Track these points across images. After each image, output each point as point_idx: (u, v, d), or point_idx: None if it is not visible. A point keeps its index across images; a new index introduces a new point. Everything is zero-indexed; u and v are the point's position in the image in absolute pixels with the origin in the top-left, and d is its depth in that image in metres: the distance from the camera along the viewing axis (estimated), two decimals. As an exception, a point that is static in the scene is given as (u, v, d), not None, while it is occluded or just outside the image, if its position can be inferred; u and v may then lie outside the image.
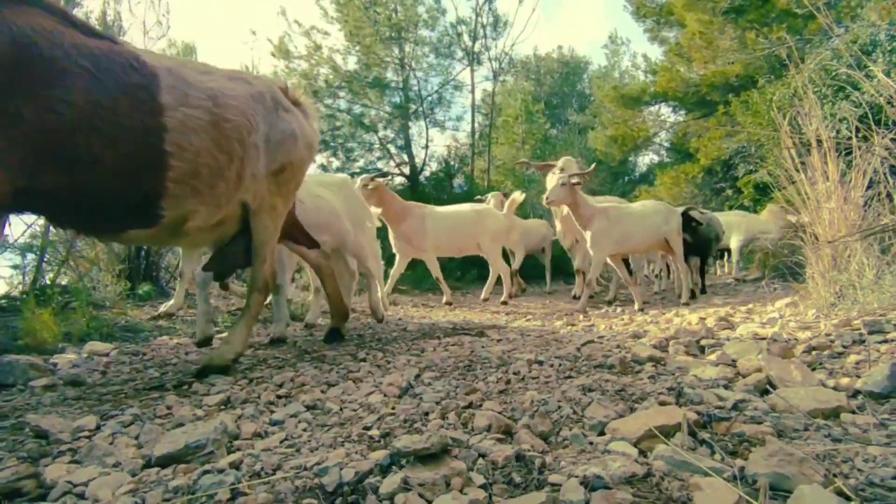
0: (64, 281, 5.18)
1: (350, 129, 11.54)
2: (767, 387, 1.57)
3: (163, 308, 4.46)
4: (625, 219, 5.27)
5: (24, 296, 4.18)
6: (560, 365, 2.00)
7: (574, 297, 6.41)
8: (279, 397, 1.87)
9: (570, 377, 1.82)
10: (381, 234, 5.80)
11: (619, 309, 5.43)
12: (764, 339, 2.39)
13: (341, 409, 1.66)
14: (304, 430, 1.48)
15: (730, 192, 12.94)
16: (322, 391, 1.91)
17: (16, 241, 4.95)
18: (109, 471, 1.23)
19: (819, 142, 3.66)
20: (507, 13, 11.53)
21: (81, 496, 1.13)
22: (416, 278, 8.50)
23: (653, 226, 5.34)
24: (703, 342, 2.36)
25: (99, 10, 6.09)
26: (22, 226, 5.97)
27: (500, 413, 1.42)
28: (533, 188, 11.39)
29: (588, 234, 5.20)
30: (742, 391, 1.53)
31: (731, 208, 10.79)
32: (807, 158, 3.75)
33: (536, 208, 10.78)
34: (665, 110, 16.11)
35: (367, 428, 1.40)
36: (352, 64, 11.57)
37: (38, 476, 1.18)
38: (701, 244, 6.01)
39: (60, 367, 2.63)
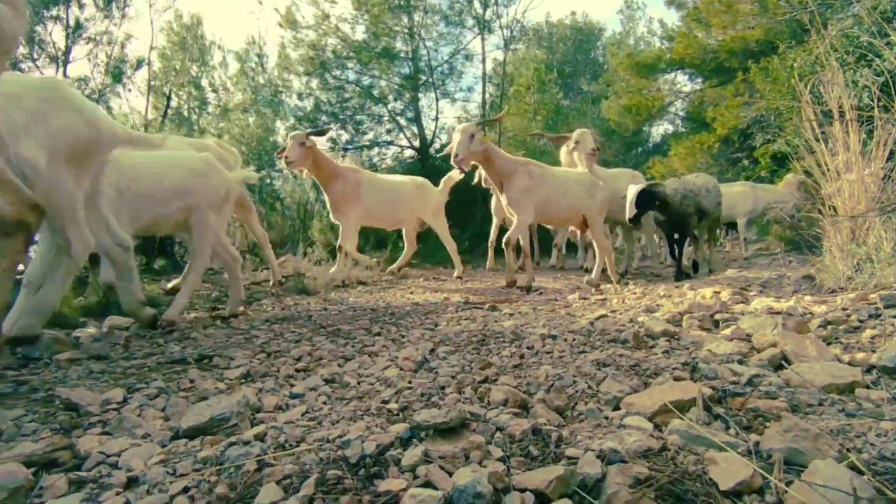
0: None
1: (359, 101, 11.41)
2: (782, 362, 1.57)
3: (175, 282, 4.52)
4: (548, 179, 4.92)
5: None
6: (573, 340, 2.02)
7: (584, 270, 6.39)
8: (297, 371, 1.91)
9: (583, 352, 1.84)
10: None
11: (631, 283, 5.42)
12: (779, 313, 2.38)
13: (359, 383, 1.70)
14: (324, 403, 1.52)
15: (746, 162, 12.70)
16: (339, 365, 1.95)
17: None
18: (140, 442, 1.28)
19: (841, 112, 3.56)
20: (518, -22, 11.13)
21: (115, 466, 1.17)
22: (427, 251, 8.52)
23: (575, 196, 5.08)
24: (717, 316, 2.36)
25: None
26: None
27: (515, 388, 1.45)
28: (546, 161, 11.25)
29: (505, 195, 4.81)
30: (757, 366, 1.54)
31: (747, 179, 10.62)
32: (827, 128, 3.66)
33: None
34: (681, 78, 15.70)
35: (385, 401, 1.44)
36: (360, 34, 11.38)
37: (73, 447, 1.23)
38: (676, 221, 5.52)
39: (83, 341, 2.71)
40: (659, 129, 19.64)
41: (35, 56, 5.50)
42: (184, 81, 9.07)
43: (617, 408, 1.26)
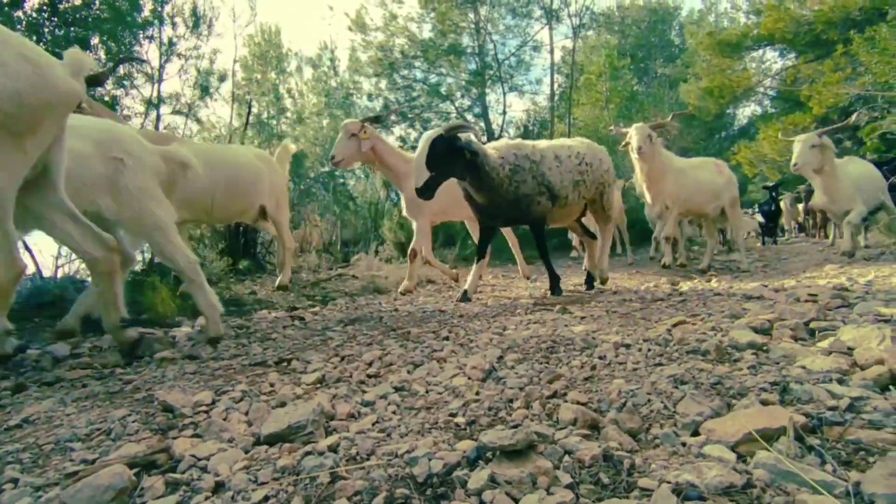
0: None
1: (427, 99, 11.53)
2: (890, 384, 1.41)
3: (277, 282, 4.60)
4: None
5: (145, 273, 4.68)
6: (649, 350, 1.93)
7: (664, 266, 6.08)
8: (369, 376, 1.97)
9: (659, 364, 1.75)
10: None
11: (712, 280, 5.10)
12: (888, 321, 2.14)
13: (427, 392, 1.72)
14: (394, 412, 1.55)
15: (849, 143, 11.54)
16: (408, 371, 1.99)
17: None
18: (226, 446, 1.37)
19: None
20: (589, -37, 10.73)
21: (204, 469, 1.27)
22: (494, 249, 8.47)
23: None
24: (812, 325, 2.16)
25: (191, 3, 6.46)
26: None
27: (585, 405, 1.41)
28: (614, 154, 10.81)
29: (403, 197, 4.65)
30: (859, 387, 1.39)
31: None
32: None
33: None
34: (770, 55, 14.55)
35: (452, 414, 1.45)
36: (426, 32, 11.48)
37: (169, 449, 1.34)
38: (499, 204, 4.29)
39: (179, 339, 2.95)
40: (745, 112, 18.35)
41: (133, 76, 6.00)
42: (264, 90, 9.58)
43: (696, 433, 1.19)
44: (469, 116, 11.80)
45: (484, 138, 11.80)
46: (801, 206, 12.59)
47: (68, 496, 1.10)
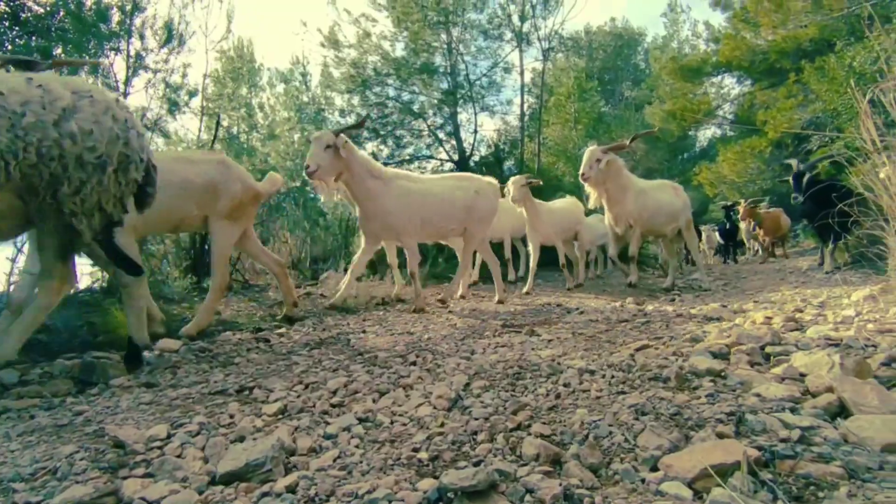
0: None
1: (399, 116, 11.58)
2: (839, 412, 1.47)
3: None
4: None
5: (103, 292, 4.51)
6: (612, 377, 1.95)
7: (630, 286, 6.22)
8: (333, 406, 1.93)
9: (622, 392, 1.78)
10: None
11: (675, 300, 5.23)
12: (837, 344, 2.23)
13: (392, 423, 1.70)
14: (357, 446, 1.53)
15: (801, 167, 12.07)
16: (373, 400, 1.96)
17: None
18: (178, 487, 1.32)
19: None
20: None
21: (154, 514, 1.22)
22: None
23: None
24: (768, 349, 2.23)
25: (163, 18, 6.36)
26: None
27: (549, 437, 1.41)
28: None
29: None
30: (810, 415, 1.44)
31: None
32: (889, 139, 3.42)
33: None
34: (729, 81, 15.18)
35: (416, 449, 1.43)
36: (399, 51, 11.56)
37: (117, 492, 1.28)
38: None
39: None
40: (706, 134, 19.04)
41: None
42: (235, 104, 9.46)
43: (655, 468, 1.20)
44: (441, 134, 11.89)
45: (455, 156, 11.91)
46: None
47: (4, 549, 1.04)
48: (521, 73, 11.66)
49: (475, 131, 11.93)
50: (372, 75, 11.49)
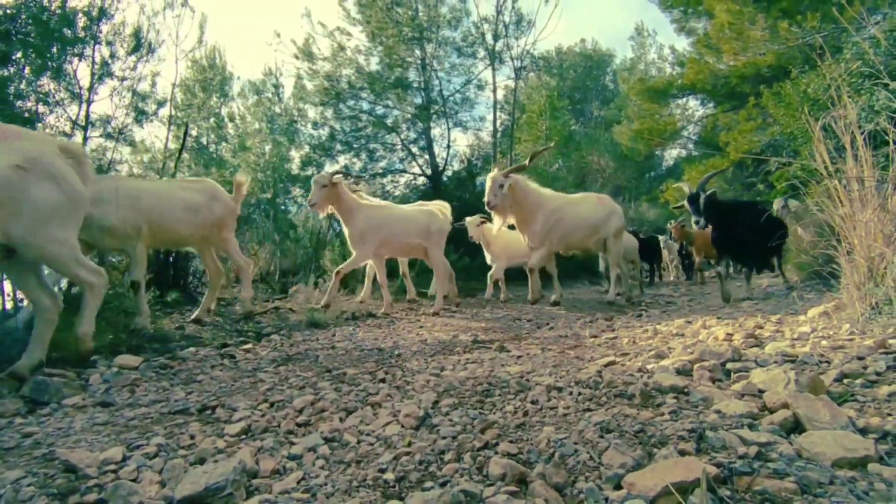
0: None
1: (373, 130, 11.59)
2: (794, 427, 1.52)
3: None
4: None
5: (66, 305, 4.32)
6: (580, 394, 1.98)
7: (609, 303, 6.36)
8: (299, 425, 1.89)
9: (588, 409, 1.80)
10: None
11: (643, 315, 5.34)
12: (794, 359, 2.31)
13: (358, 443, 1.68)
14: (322, 467, 1.50)
15: (762, 186, 12.56)
16: (340, 419, 1.93)
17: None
18: (133, 513, 1.27)
19: (853, 142, 3.50)
20: (530, 11, 11.32)
21: (106, 542, 1.16)
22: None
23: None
24: (728, 365, 2.30)
25: (132, 26, 6.24)
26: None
27: (515, 456, 1.41)
28: (558, 185, 11.25)
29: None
30: (767, 431, 1.49)
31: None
32: (840, 163, 3.60)
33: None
34: (693, 103, 15.75)
35: (382, 470, 1.41)
36: (374, 65, 11.62)
37: (66, 520, 1.22)
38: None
39: (92, 383, 2.73)
40: (672, 153, 19.64)
41: (57, 93, 5.68)
42: (205, 113, 9.31)
43: (618, 486, 1.22)
44: (414, 149, 11.95)
45: (429, 171, 11.96)
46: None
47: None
48: (494, 91, 11.86)
49: (448, 146, 12.05)
50: (346, 88, 11.50)
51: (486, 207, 5.72)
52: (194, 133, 9.29)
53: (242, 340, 4.06)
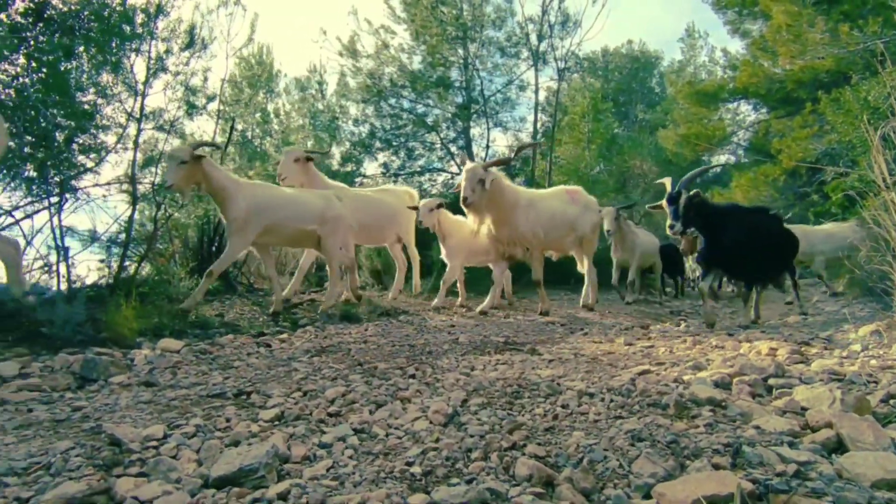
0: (144, 272, 5.58)
1: (412, 128, 11.69)
2: (837, 447, 1.45)
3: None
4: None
5: (109, 288, 4.55)
6: (611, 401, 1.94)
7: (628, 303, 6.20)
8: (330, 415, 1.93)
9: (620, 417, 1.77)
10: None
11: (682, 325, 5.19)
12: (841, 379, 2.20)
13: (387, 436, 1.70)
14: (351, 457, 1.52)
15: (816, 197, 12.01)
16: (370, 412, 1.96)
17: (103, 234, 5.39)
18: (171, 488, 1.32)
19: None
20: (577, 12, 11.12)
21: (145, 514, 1.22)
22: (472, 279, 8.46)
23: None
24: (771, 381, 2.21)
25: (187, 23, 6.48)
26: (108, 219, 6.50)
27: (543, 458, 1.40)
28: (598, 189, 11.06)
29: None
30: (808, 450, 1.42)
31: (816, 215, 10.06)
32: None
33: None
34: (745, 108, 15.18)
35: (409, 463, 1.43)
36: (416, 63, 11.70)
37: (110, 491, 1.29)
38: None
39: (137, 363, 2.86)
40: (720, 160, 18.97)
41: (114, 86, 5.96)
42: (251, 109, 9.60)
43: (648, 496, 1.19)
44: (453, 148, 11.98)
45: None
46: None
47: (-6, 541, 1.05)
48: (536, 92, 11.77)
49: (487, 146, 12.02)
50: (388, 86, 11.63)
51: (462, 204, 5.09)
52: (240, 127, 9.58)
53: (278, 330, 4.16)
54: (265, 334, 3.91)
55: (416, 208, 5.84)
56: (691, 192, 4.55)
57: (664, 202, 4.67)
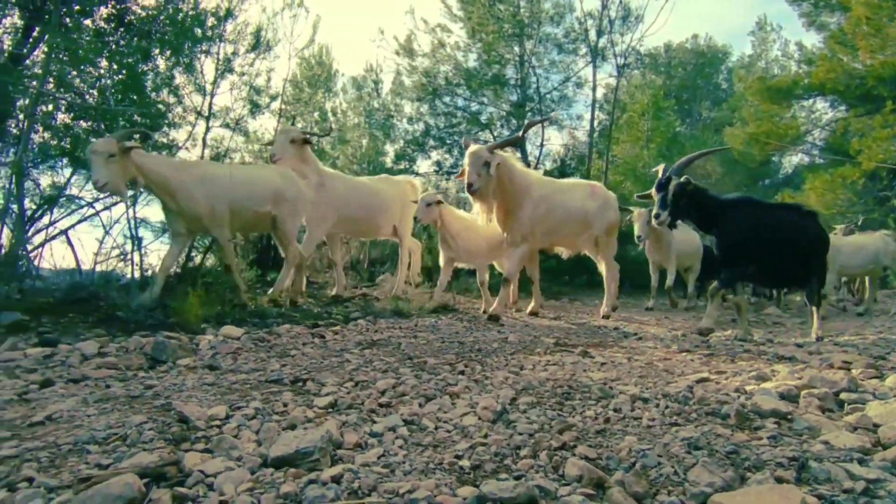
0: (208, 263, 5.89)
1: (466, 126, 11.71)
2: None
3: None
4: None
5: (177, 277, 4.83)
6: (667, 407, 1.88)
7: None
8: (381, 405, 1.98)
9: (676, 424, 1.71)
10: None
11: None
12: (922, 397, 2.04)
13: (436, 429, 1.72)
14: (401, 447, 1.56)
15: (896, 202, 11.13)
16: (420, 405, 1.99)
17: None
18: (233, 465, 1.40)
19: None
20: (639, 6, 10.73)
21: (210, 487, 1.29)
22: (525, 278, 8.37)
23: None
24: (843, 395, 2.07)
25: (253, 25, 6.78)
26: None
27: (594, 460, 1.38)
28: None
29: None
30: (878, 468, 1.33)
31: (897, 221, 9.31)
32: None
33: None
34: (821, 105, 14.23)
35: (458, 456, 1.44)
36: (471, 61, 11.72)
37: (179, 463, 1.38)
38: None
39: (202, 348, 3.02)
40: (792, 160, 17.89)
41: (186, 86, 6.30)
42: (310, 107, 9.92)
43: (703, 505, 1.15)
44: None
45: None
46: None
47: (79, 502, 1.14)
48: (594, 89, 11.51)
49: (542, 145, 11.87)
50: (442, 85, 11.69)
51: (467, 191, 4.59)
52: (299, 125, 9.91)
53: (331, 322, 4.28)
54: (319, 325, 4.03)
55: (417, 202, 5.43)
56: (682, 179, 4.08)
57: (653, 190, 4.24)
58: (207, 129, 6.56)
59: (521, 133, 5.24)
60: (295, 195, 4.64)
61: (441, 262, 5.71)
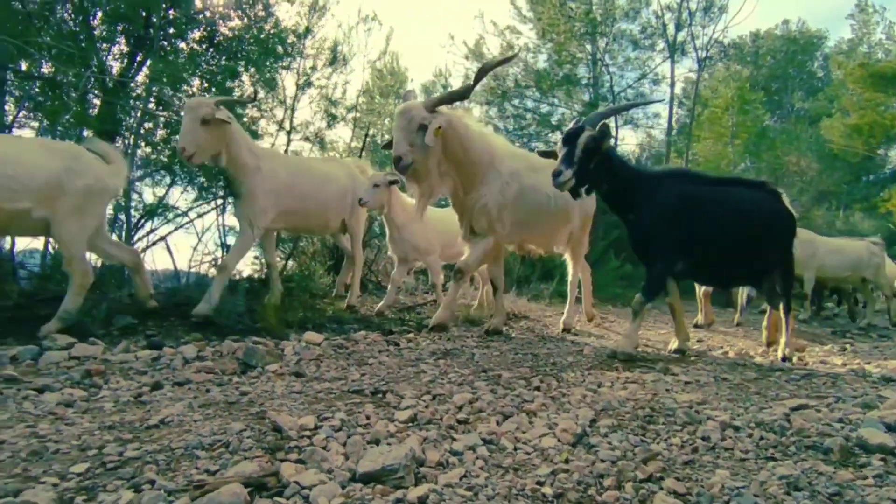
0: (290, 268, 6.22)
1: (536, 128, 11.57)
2: None
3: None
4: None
5: (261, 282, 5.14)
6: (761, 438, 1.77)
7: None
8: (459, 422, 2.01)
9: (772, 458, 1.61)
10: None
11: (847, 349, 4.53)
12: None
13: (515, 450, 1.73)
14: (482, 468, 1.58)
15: None
16: (497, 422, 2.00)
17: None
18: (325, 478, 1.48)
19: None
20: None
21: (307, 499, 1.38)
22: (599, 283, 8.13)
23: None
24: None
25: (330, 40, 7.09)
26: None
27: (683, 495, 1.33)
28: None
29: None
30: None
31: None
32: None
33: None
34: (933, 92, 12.75)
35: (540, 482, 1.44)
36: (541, 62, 11.56)
37: (277, 473, 1.48)
38: None
39: (286, 353, 3.20)
40: (899, 154, 16.15)
41: (268, 101, 6.68)
42: (383, 116, 10.22)
43: (808, 557, 1.08)
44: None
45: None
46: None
47: (195, 508, 1.26)
48: (672, 85, 11.01)
49: (616, 145, 11.48)
50: (511, 87, 11.63)
51: (395, 167, 3.50)
52: (372, 133, 10.23)
53: (405, 329, 4.39)
54: (393, 332, 4.15)
55: None
56: (595, 131, 3.08)
57: (559, 143, 3.18)
58: (289, 141, 6.94)
59: (472, 82, 3.75)
60: (81, 187, 3.26)
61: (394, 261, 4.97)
